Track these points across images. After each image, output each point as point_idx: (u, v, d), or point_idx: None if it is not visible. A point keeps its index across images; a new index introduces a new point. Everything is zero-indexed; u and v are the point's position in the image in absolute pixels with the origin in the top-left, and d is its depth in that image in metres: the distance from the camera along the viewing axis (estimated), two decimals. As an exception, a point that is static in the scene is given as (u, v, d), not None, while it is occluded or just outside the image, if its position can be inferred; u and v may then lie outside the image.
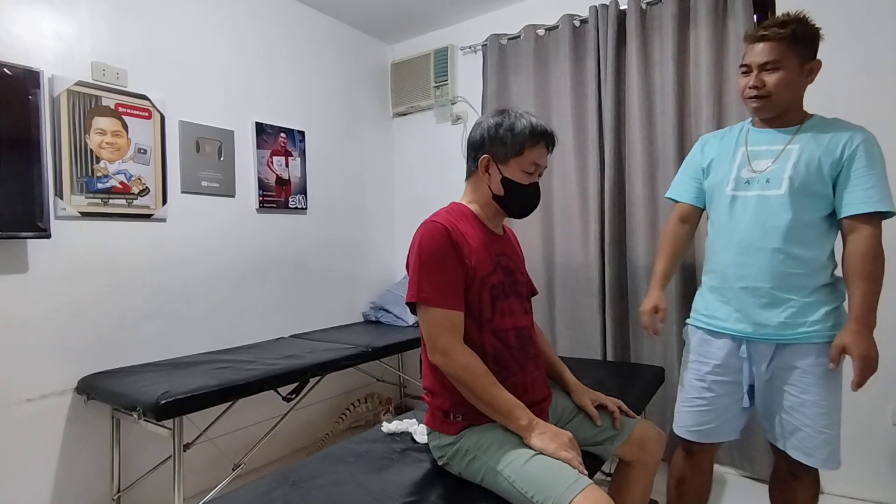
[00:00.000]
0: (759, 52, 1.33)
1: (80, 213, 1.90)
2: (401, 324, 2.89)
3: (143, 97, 2.08)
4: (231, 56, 2.44)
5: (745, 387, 1.43)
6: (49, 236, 1.76)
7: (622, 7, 2.43)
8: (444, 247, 1.16)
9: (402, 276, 3.28)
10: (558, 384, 1.43)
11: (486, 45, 2.87)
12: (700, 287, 1.57)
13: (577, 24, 2.58)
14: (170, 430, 1.67)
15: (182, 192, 2.23)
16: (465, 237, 1.20)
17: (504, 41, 2.82)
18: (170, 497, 1.72)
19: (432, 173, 3.22)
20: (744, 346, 1.41)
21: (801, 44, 1.31)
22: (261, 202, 2.56)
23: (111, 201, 1.98)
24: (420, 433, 1.43)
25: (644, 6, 2.38)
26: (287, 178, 2.70)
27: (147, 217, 2.10)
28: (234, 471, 1.94)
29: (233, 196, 2.45)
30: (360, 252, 3.16)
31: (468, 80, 3.01)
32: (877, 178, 1.28)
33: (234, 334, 2.43)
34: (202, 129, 2.31)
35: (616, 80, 2.45)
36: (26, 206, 1.69)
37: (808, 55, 1.33)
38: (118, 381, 1.81)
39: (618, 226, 2.47)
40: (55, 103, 1.83)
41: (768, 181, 1.36)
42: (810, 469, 1.39)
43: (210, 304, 2.33)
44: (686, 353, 1.57)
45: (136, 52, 2.08)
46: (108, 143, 1.97)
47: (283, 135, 2.68)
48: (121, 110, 2.01)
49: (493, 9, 2.93)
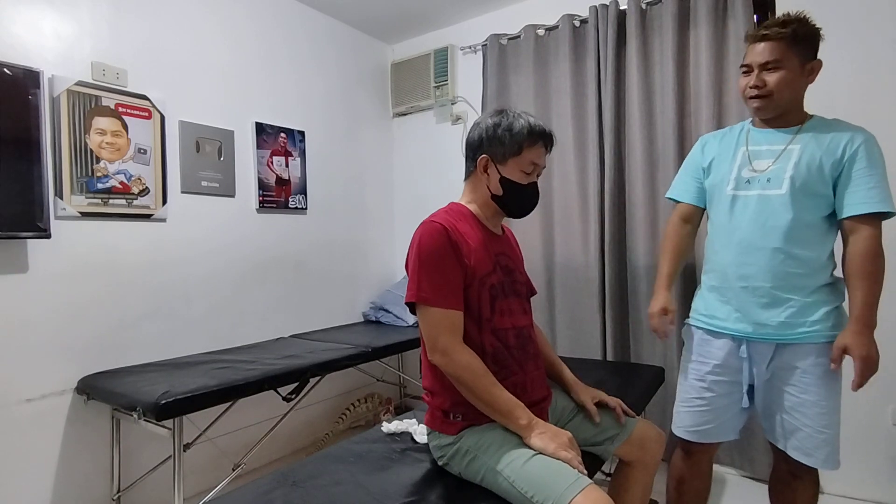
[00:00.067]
0: (760, 52, 1.33)
1: (80, 213, 1.90)
2: (401, 324, 2.89)
3: (143, 97, 2.08)
4: (231, 56, 2.45)
5: (744, 387, 1.43)
6: (49, 236, 1.76)
7: (622, 7, 2.43)
8: (443, 246, 1.16)
9: (402, 276, 3.28)
10: (558, 383, 1.43)
11: (486, 45, 2.87)
12: (699, 287, 1.57)
13: (577, 24, 2.58)
14: (170, 430, 1.67)
15: (182, 192, 2.23)
16: (464, 237, 1.20)
17: (504, 41, 2.82)
18: (170, 497, 1.72)
19: (432, 173, 3.22)
20: (744, 346, 1.41)
21: (801, 43, 1.31)
22: (261, 202, 2.56)
23: (111, 201, 1.98)
24: (420, 433, 1.43)
25: (644, 6, 2.38)
26: (287, 178, 2.70)
27: (147, 217, 2.11)
28: (234, 471, 1.94)
29: (233, 196, 2.45)
30: (360, 252, 3.16)
31: (468, 80, 3.01)
32: (877, 179, 1.28)
33: (234, 334, 2.43)
34: (202, 129, 2.31)
35: (616, 80, 2.45)
36: (26, 206, 1.70)
37: (808, 55, 1.33)
38: (118, 381, 1.81)
39: (618, 226, 2.47)
40: (55, 103, 1.83)
41: (769, 181, 1.36)
42: (810, 469, 1.39)
43: (210, 304, 2.33)
44: (685, 352, 1.57)
45: (136, 52, 2.08)
46: (108, 143, 1.97)
47: (283, 135, 2.68)
48: (121, 110, 2.01)
49: (493, 9, 2.93)
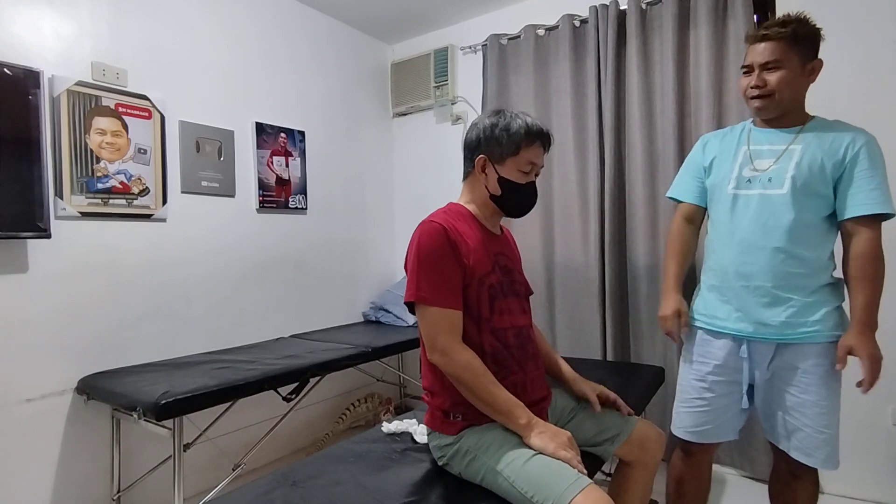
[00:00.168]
0: (761, 52, 1.33)
1: (80, 213, 1.90)
2: (401, 324, 2.89)
3: (143, 97, 2.08)
4: (231, 56, 2.45)
5: (744, 387, 1.43)
6: (49, 236, 1.76)
7: (622, 7, 2.43)
8: (441, 246, 1.16)
9: (401, 277, 3.28)
10: (557, 379, 1.43)
11: (486, 45, 2.87)
12: (699, 286, 1.57)
13: (577, 24, 2.57)
14: (170, 430, 1.67)
15: (182, 192, 2.23)
16: (462, 237, 1.20)
17: (504, 41, 2.81)
18: (170, 497, 1.72)
19: (432, 173, 3.22)
20: (744, 346, 1.41)
21: (802, 43, 1.31)
22: (261, 202, 2.56)
23: (111, 201, 1.98)
24: (420, 433, 1.43)
25: (644, 6, 2.38)
26: (287, 178, 2.70)
27: (147, 217, 2.11)
28: (234, 471, 1.94)
29: (233, 196, 2.45)
30: (360, 252, 3.16)
31: (468, 80, 3.01)
32: (878, 181, 1.29)
33: (234, 334, 2.43)
34: (202, 129, 2.31)
35: (616, 80, 2.45)
36: (26, 206, 1.69)
37: (809, 54, 1.33)
38: (118, 381, 1.81)
39: (618, 226, 2.46)
40: (55, 103, 1.83)
41: (770, 180, 1.36)
42: (810, 469, 1.40)
43: (210, 304, 2.33)
44: (685, 353, 1.57)
45: (136, 52, 2.08)
46: (108, 143, 1.97)
47: (283, 135, 2.68)
48: (121, 110, 2.01)
49: (493, 9, 2.93)
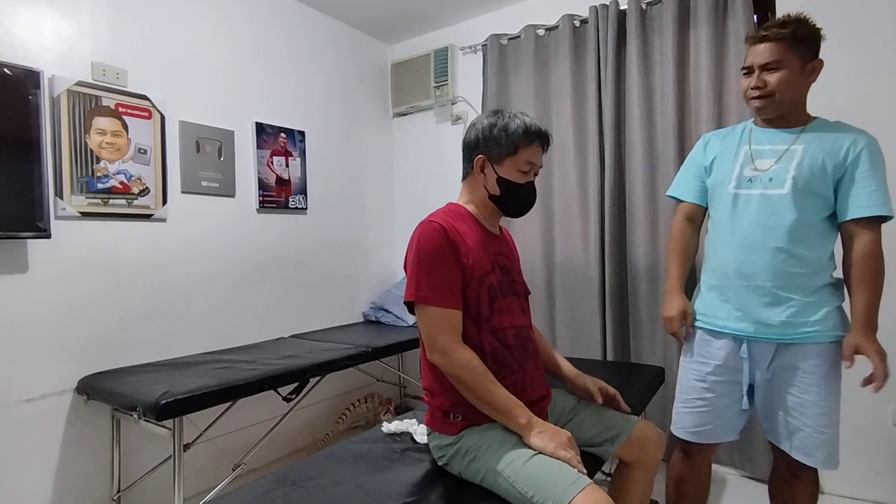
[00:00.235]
0: (761, 53, 1.33)
1: (80, 213, 1.90)
2: (401, 324, 2.89)
3: (143, 97, 2.08)
4: (231, 56, 2.44)
5: (744, 387, 1.43)
6: (49, 236, 1.76)
7: (622, 7, 2.43)
8: (441, 246, 1.16)
9: (401, 277, 3.28)
10: (557, 375, 1.43)
11: (486, 45, 2.87)
12: (698, 286, 1.57)
13: (577, 24, 2.57)
14: (170, 430, 1.67)
15: (182, 192, 2.23)
16: (462, 237, 1.20)
17: (504, 41, 2.81)
18: (170, 497, 1.72)
19: (432, 173, 3.22)
20: (744, 346, 1.41)
21: (802, 43, 1.31)
22: (261, 202, 2.56)
23: (111, 201, 1.98)
24: (420, 433, 1.43)
25: (644, 6, 2.38)
26: (287, 178, 2.70)
27: (147, 217, 2.11)
28: (234, 471, 1.94)
29: (233, 196, 2.45)
30: (360, 252, 3.16)
31: (468, 80, 3.01)
32: (879, 183, 1.29)
33: (234, 334, 2.43)
34: (202, 129, 2.31)
35: (616, 80, 2.45)
36: (26, 206, 1.69)
37: (809, 54, 1.33)
38: (118, 381, 1.81)
39: (618, 226, 2.46)
40: (55, 103, 1.83)
41: (771, 180, 1.36)
42: (810, 469, 1.40)
43: (210, 304, 2.33)
44: (684, 352, 1.56)
45: (136, 52, 2.08)
46: (108, 143, 1.97)
47: (283, 135, 2.68)
48: (121, 110, 2.01)
49: (493, 9, 2.93)
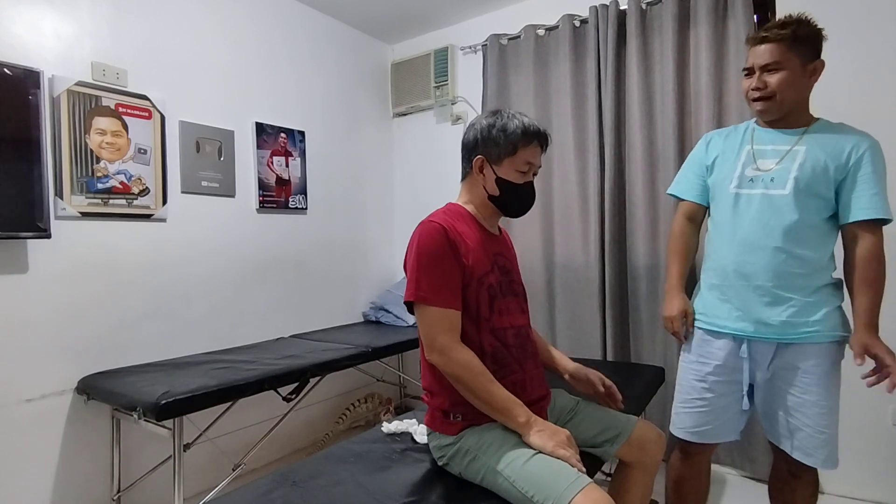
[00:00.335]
0: (761, 54, 1.33)
1: (80, 213, 1.90)
2: (401, 324, 2.89)
3: (143, 97, 2.08)
4: (231, 56, 2.44)
5: (744, 387, 1.43)
6: (49, 236, 1.76)
7: (622, 7, 2.43)
8: (441, 246, 1.16)
9: (401, 277, 3.28)
10: (556, 370, 1.43)
11: (486, 45, 2.87)
12: (698, 285, 1.57)
13: (577, 24, 2.57)
14: (170, 430, 1.67)
15: (182, 192, 2.23)
16: (462, 237, 1.20)
17: (504, 41, 2.81)
18: (170, 497, 1.72)
19: (432, 173, 3.22)
20: (744, 346, 1.41)
21: (802, 44, 1.31)
22: (261, 202, 2.56)
23: (111, 201, 1.98)
24: (420, 433, 1.43)
25: (644, 6, 2.38)
26: (287, 178, 2.70)
27: (147, 217, 2.11)
28: (234, 471, 1.94)
29: (233, 196, 2.45)
30: (360, 252, 3.16)
31: (468, 80, 3.01)
32: (881, 186, 1.30)
33: (234, 334, 2.43)
34: (202, 129, 2.31)
35: (616, 80, 2.45)
36: (26, 206, 1.69)
37: (810, 55, 1.33)
38: (118, 381, 1.81)
39: (618, 226, 2.46)
40: (55, 103, 1.83)
41: (772, 180, 1.36)
42: (809, 469, 1.40)
43: (210, 304, 2.33)
44: (683, 352, 1.56)
45: (136, 52, 2.08)
46: (108, 143, 1.97)
47: (283, 135, 2.68)
48: (121, 110, 2.01)
49: (493, 9, 2.93)
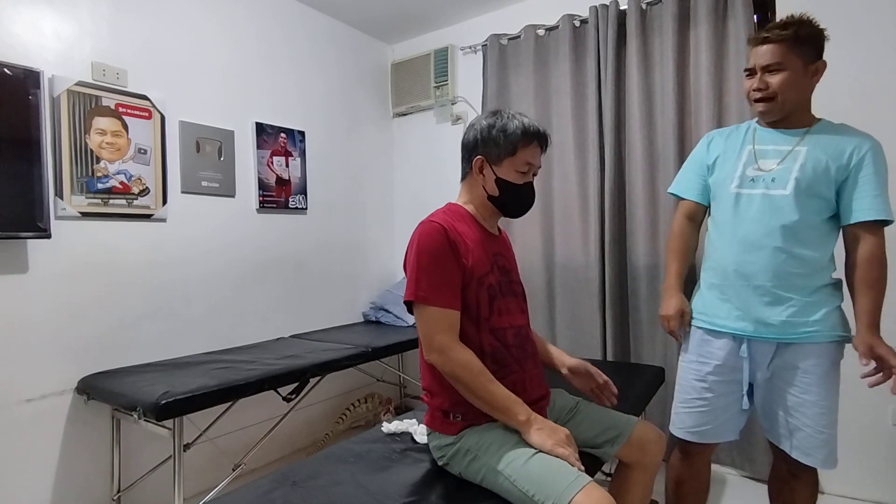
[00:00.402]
0: (762, 55, 1.33)
1: (81, 213, 1.90)
2: (401, 324, 2.89)
3: (143, 97, 2.08)
4: (231, 56, 2.44)
5: (744, 387, 1.43)
6: (49, 236, 1.76)
7: (622, 7, 2.43)
8: (441, 246, 1.16)
9: (401, 277, 3.28)
10: (554, 367, 1.43)
11: (486, 45, 2.87)
12: (698, 285, 1.57)
13: (577, 24, 2.57)
14: (170, 430, 1.67)
15: (182, 192, 2.23)
16: (462, 237, 1.21)
17: (504, 41, 2.81)
18: (170, 497, 1.72)
19: (432, 173, 3.22)
20: (744, 346, 1.41)
21: (804, 45, 1.31)
22: (261, 202, 2.56)
23: (111, 201, 1.98)
24: (420, 433, 1.43)
25: (644, 6, 2.38)
26: (287, 178, 2.70)
27: (147, 217, 2.11)
28: (234, 471, 1.94)
29: (233, 196, 2.45)
30: (360, 252, 3.16)
31: (468, 80, 3.01)
32: (883, 187, 1.30)
33: (234, 334, 2.43)
34: (202, 129, 2.31)
35: (616, 80, 2.45)
36: (26, 206, 1.69)
37: (811, 56, 1.33)
38: (118, 381, 1.81)
39: (618, 226, 2.46)
40: (55, 103, 1.83)
41: (773, 180, 1.36)
42: (809, 469, 1.40)
43: (210, 304, 2.33)
44: (683, 352, 1.56)
45: (136, 52, 2.08)
46: (108, 143, 1.97)
47: (283, 135, 2.68)
48: (121, 110, 2.01)
49: (493, 9, 2.93)
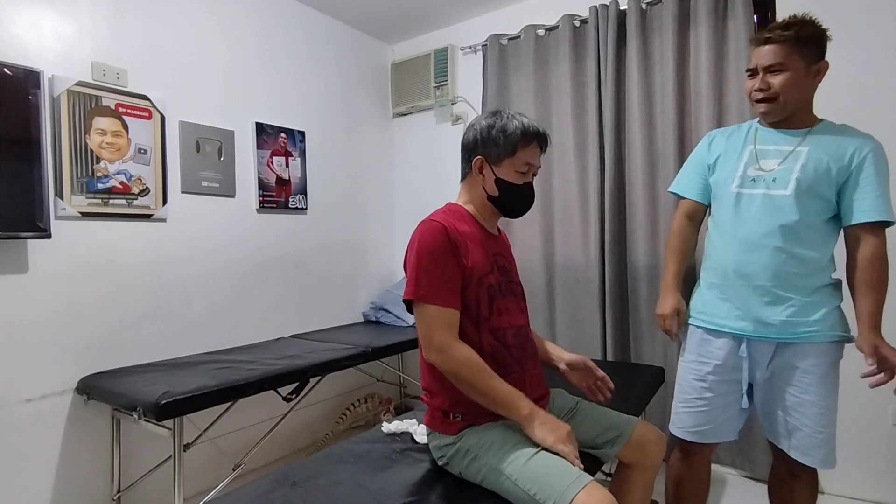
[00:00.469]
0: (764, 55, 1.33)
1: (81, 213, 1.90)
2: (401, 324, 2.89)
3: (144, 97, 2.08)
4: (231, 56, 2.44)
5: (744, 387, 1.43)
6: (49, 236, 1.76)
7: (622, 7, 2.43)
8: (442, 245, 1.17)
9: (401, 277, 3.28)
10: (550, 362, 1.43)
11: (486, 45, 2.87)
12: (698, 284, 1.57)
13: (577, 24, 2.57)
14: (170, 430, 1.67)
15: (182, 192, 2.23)
16: (462, 237, 1.21)
17: (504, 41, 2.81)
18: (170, 497, 1.72)
19: (432, 173, 3.22)
20: (744, 345, 1.41)
21: (806, 45, 1.31)
22: (261, 202, 2.56)
23: (111, 201, 1.98)
24: (420, 433, 1.43)
25: (644, 6, 2.38)
26: (287, 178, 2.70)
27: (147, 217, 2.10)
28: (234, 471, 1.94)
29: (233, 196, 2.45)
30: (360, 252, 3.16)
31: (468, 80, 3.01)
32: (884, 188, 1.30)
33: (234, 334, 2.43)
34: (202, 129, 2.31)
35: (616, 80, 2.45)
36: (26, 206, 1.69)
37: (813, 56, 1.33)
38: (118, 381, 1.81)
39: (618, 226, 2.46)
40: (55, 103, 1.83)
41: (774, 181, 1.36)
42: (809, 468, 1.40)
43: (210, 304, 2.33)
44: (683, 352, 1.56)
45: (136, 52, 2.08)
46: (108, 144, 1.97)
47: (283, 135, 2.68)
48: (121, 110, 2.01)
49: (493, 9, 2.93)
